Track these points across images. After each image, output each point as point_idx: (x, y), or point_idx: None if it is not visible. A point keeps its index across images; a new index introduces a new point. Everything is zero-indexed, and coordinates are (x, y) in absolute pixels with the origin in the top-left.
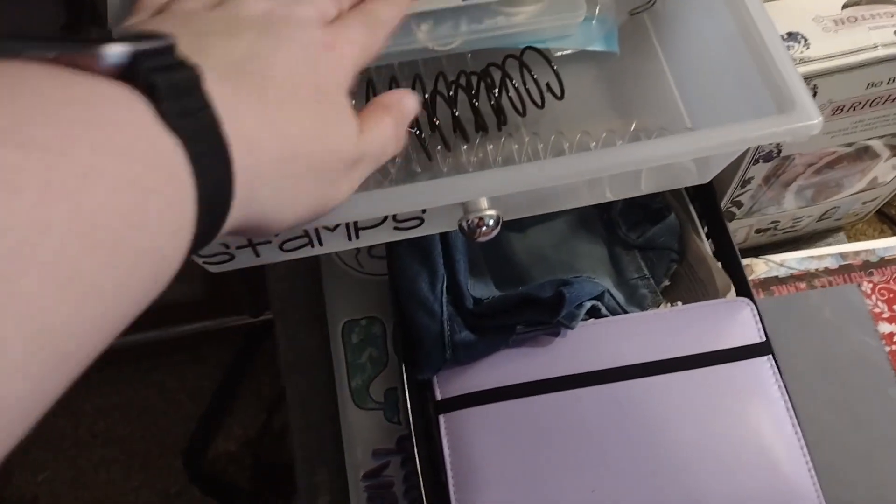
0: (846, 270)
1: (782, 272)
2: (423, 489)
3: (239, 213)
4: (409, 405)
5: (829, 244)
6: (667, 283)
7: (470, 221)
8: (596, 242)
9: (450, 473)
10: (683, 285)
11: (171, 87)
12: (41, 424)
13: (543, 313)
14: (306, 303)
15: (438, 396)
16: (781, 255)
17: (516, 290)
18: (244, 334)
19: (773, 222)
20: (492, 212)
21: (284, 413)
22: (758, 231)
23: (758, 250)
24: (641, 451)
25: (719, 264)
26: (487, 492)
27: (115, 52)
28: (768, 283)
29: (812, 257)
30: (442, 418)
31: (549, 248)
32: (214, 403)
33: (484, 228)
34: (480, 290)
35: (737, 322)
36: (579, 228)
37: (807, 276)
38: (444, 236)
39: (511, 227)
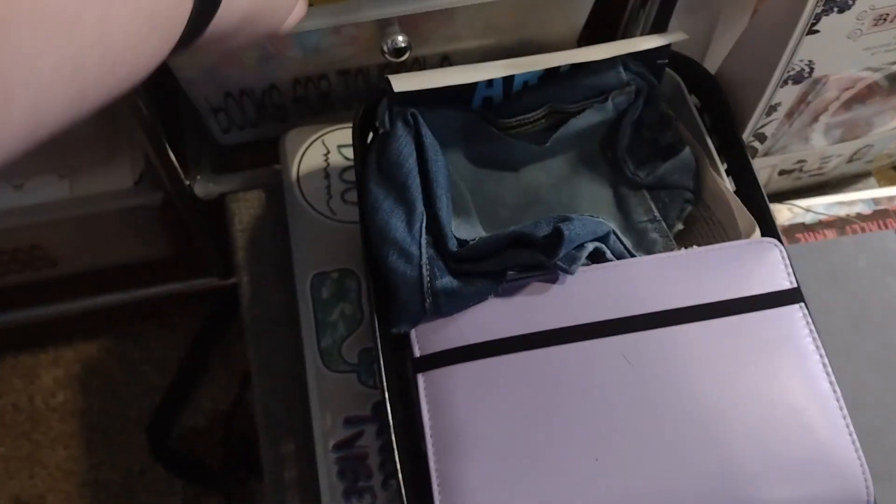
0: (881, 216)
1: (809, 218)
2: (397, 460)
3: None
4: (381, 363)
5: (859, 190)
6: (680, 226)
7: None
8: (599, 183)
9: (429, 441)
10: (699, 229)
11: None
12: None
13: (538, 255)
14: (272, 256)
15: (417, 353)
16: (807, 200)
17: (507, 230)
18: (213, 301)
19: (798, 162)
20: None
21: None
22: (782, 173)
23: (780, 197)
24: (653, 413)
25: (741, 203)
26: (472, 461)
27: None
28: (793, 230)
29: (842, 203)
30: (420, 378)
31: (545, 189)
32: (181, 375)
33: None
34: (465, 231)
35: (763, 266)
36: (580, 167)
37: (837, 223)
38: (424, 168)
39: (502, 166)
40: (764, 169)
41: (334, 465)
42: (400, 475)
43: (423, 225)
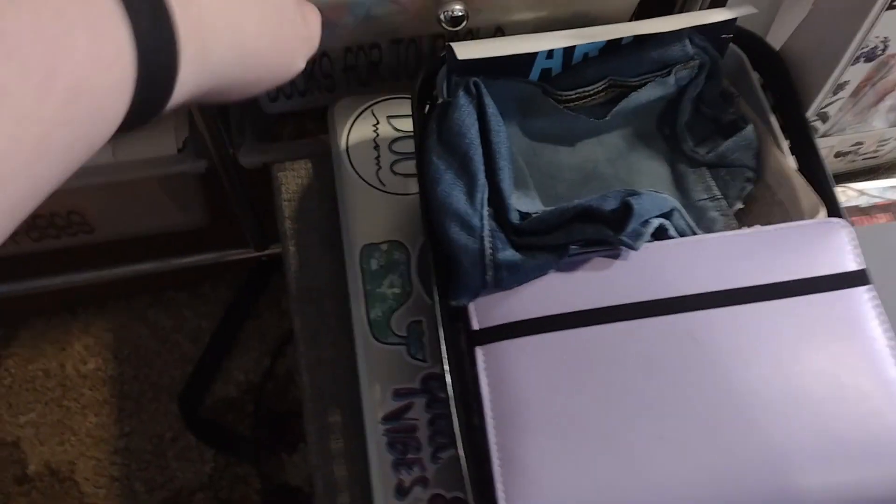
0: None
1: (863, 201)
2: (457, 432)
3: (198, 68)
4: (441, 335)
5: None
6: (740, 205)
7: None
8: (656, 159)
9: (488, 415)
10: (759, 209)
11: None
12: (23, 363)
13: (605, 229)
14: (320, 226)
15: (475, 326)
16: (860, 183)
17: (572, 203)
18: (248, 271)
19: (856, 144)
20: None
21: (290, 358)
22: (838, 155)
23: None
24: (719, 393)
25: (805, 182)
26: (534, 436)
27: None
28: (848, 213)
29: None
30: (479, 351)
31: (602, 164)
32: (213, 345)
33: None
34: (525, 204)
35: (829, 246)
36: (637, 143)
37: (892, 207)
38: (486, 139)
39: (558, 139)
40: (821, 150)
41: (383, 436)
42: (461, 447)
43: (485, 197)
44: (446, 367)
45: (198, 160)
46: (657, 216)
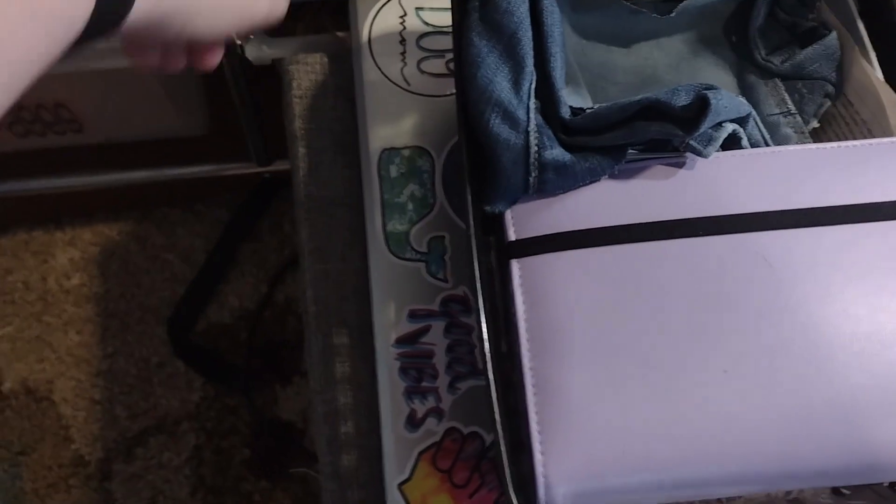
0: None
1: None
2: (487, 355)
3: None
4: (473, 244)
5: None
6: (815, 124)
7: None
8: (722, 68)
9: (523, 337)
10: (837, 128)
11: None
12: (2, 273)
13: (673, 128)
14: (334, 127)
15: (511, 236)
16: None
17: (636, 97)
18: (249, 190)
19: None
20: None
21: (290, 286)
22: None
23: None
24: (793, 324)
25: (895, 95)
26: (574, 364)
27: None
28: None
29: None
30: (515, 265)
31: (663, 69)
32: (208, 267)
33: None
34: (577, 100)
35: None
36: (700, 49)
37: None
38: (536, 20)
39: (611, 39)
40: None
41: (395, 361)
42: (490, 373)
43: (533, 86)
44: (477, 277)
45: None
46: (734, 119)
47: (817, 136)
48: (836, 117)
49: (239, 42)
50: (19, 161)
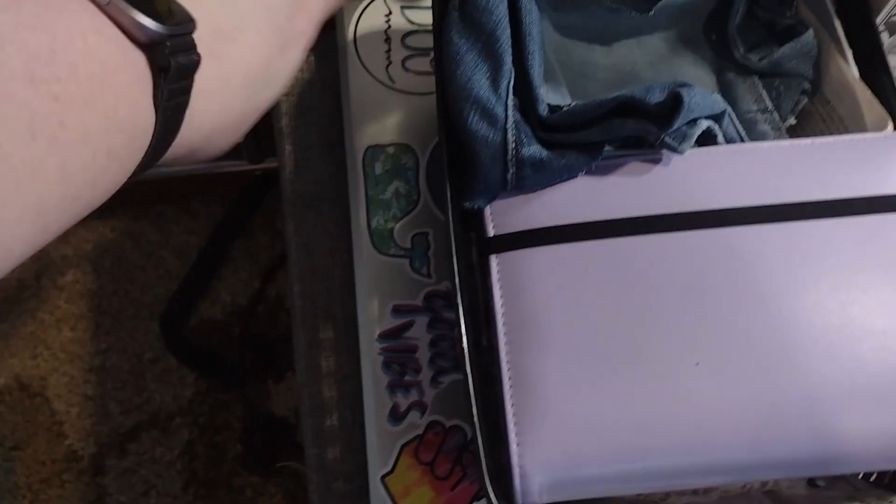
0: None
1: None
2: (465, 348)
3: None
4: (452, 238)
5: None
6: (792, 121)
7: None
8: (701, 66)
9: (500, 331)
10: (815, 126)
11: (177, 70)
12: None
13: (648, 125)
14: (321, 124)
15: (490, 232)
16: None
17: (611, 95)
18: (241, 187)
19: None
20: None
21: (281, 282)
22: None
23: None
24: (766, 317)
25: (871, 94)
26: (552, 356)
27: (154, 28)
28: None
29: None
30: (494, 260)
31: (642, 67)
32: (201, 263)
33: None
34: (556, 98)
35: None
36: (679, 48)
37: None
38: (516, 17)
39: (592, 37)
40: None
41: (379, 355)
42: (468, 366)
43: (511, 84)
44: (455, 272)
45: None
46: (707, 117)
47: (794, 133)
48: (812, 115)
49: None
50: None
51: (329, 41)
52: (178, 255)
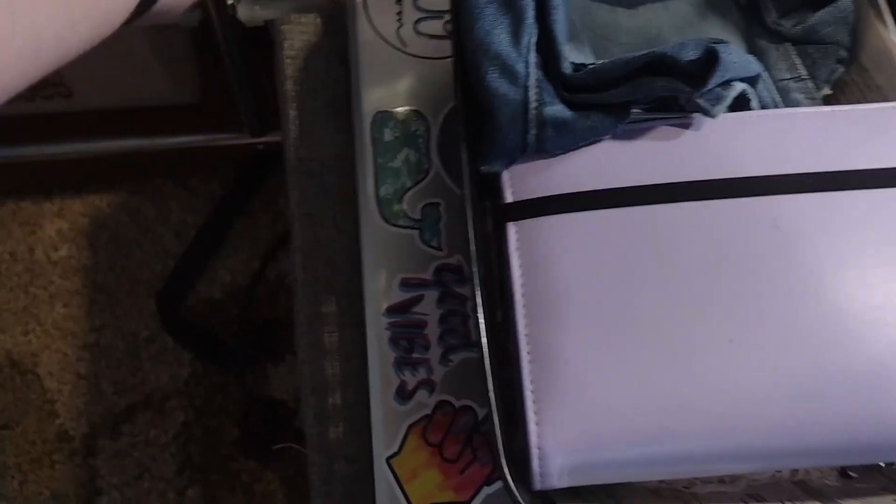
0: None
1: None
2: (481, 322)
3: None
4: (468, 204)
5: None
6: (827, 90)
7: None
8: (730, 32)
9: (518, 303)
10: (850, 96)
11: None
12: None
13: (680, 84)
14: (327, 89)
15: (508, 198)
16: None
17: (641, 52)
18: (243, 164)
19: None
20: None
21: (282, 262)
22: None
23: None
24: (805, 291)
25: None
26: (572, 331)
27: None
28: None
29: None
30: (512, 228)
31: (668, 31)
32: (200, 241)
33: None
34: (579, 57)
35: None
36: (708, 12)
37: None
38: None
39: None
40: None
41: (386, 330)
42: (484, 339)
43: (533, 40)
44: (472, 239)
45: (191, 11)
46: (742, 80)
47: (830, 102)
48: (849, 84)
49: (231, 2)
50: (6, 127)
51: (335, 5)
52: (176, 233)
